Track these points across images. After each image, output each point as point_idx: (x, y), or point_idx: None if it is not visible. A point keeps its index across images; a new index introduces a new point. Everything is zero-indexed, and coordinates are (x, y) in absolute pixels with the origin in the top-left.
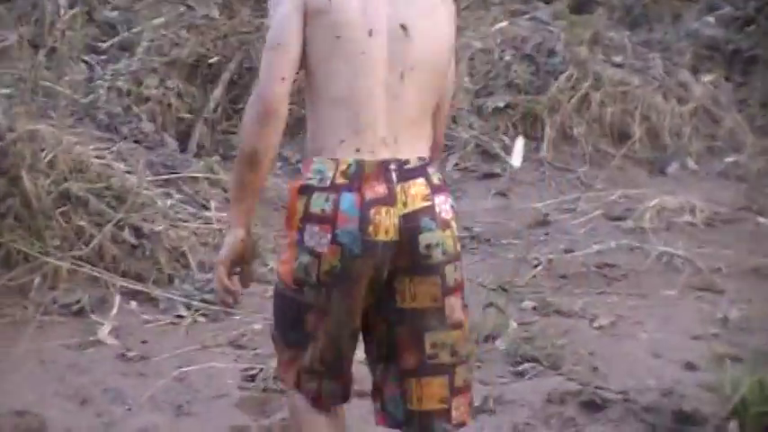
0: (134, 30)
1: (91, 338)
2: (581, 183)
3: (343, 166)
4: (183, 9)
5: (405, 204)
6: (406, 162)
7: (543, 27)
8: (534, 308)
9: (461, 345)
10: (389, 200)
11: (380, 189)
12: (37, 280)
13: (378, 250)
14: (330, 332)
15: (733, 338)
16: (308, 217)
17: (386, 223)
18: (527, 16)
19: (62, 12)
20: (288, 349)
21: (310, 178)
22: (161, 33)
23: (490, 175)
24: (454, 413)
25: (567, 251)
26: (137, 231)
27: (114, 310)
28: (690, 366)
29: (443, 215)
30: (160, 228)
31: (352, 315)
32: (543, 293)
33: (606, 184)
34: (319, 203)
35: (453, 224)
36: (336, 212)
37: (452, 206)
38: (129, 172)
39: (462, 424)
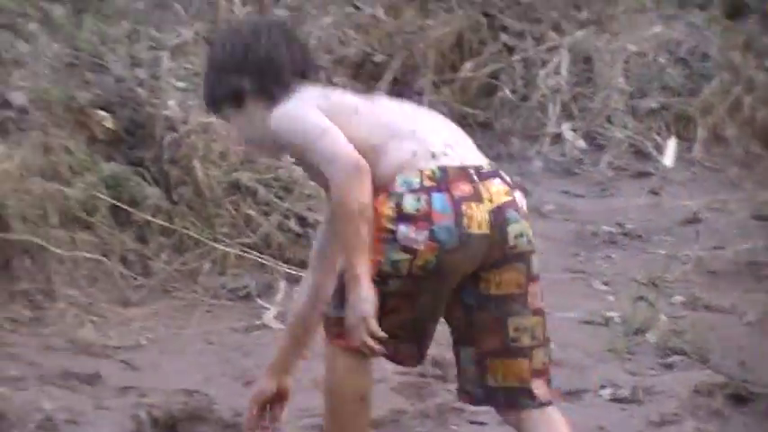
0: (303, 28)
1: (257, 322)
2: (731, 183)
3: (428, 172)
4: (350, 9)
5: (491, 200)
6: (481, 167)
7: (697, 32)
8: (683, 302)
9: (540, 330)
10: (476, 197)
11: (466, 188)
12: (207, 265)
13: (473, 243)
14: (415, 316)
15: None
16: (401, 217)
17: (478, 218)
18: (682, 21)
19: (235, 10)
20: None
21: (398, 188)
22: (329, 32)
23: (643, 174)
24: (536, 392)
25: (717, 248)
26: (302, 220)
27: (280, 296)
28: None
29: (523, 208)
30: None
31: (438, 304)
32: (693, 289)
33: (756, 185)
34: (412, 204)
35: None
36: (431, 211)
37: None
38: (296, 164)
39: (548, 403)
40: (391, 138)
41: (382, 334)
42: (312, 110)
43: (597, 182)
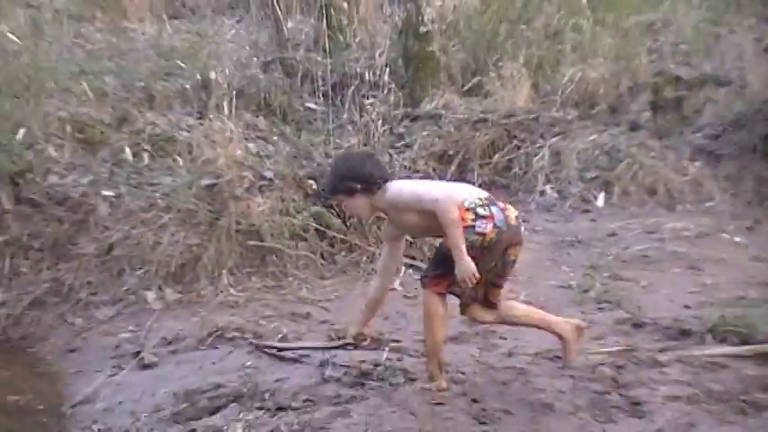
0: (413, 137)
1: (391, 287)
2: (633, 215)
3: (483, 197)
4: (435, 128)
5: (512, 211)
6: None
7: (614, 137)
8: (608, 276)
9: None
10: (508, 209)
11: (503, 204)
12: (365, 257)
13: (512, 228)
14: (480, 271)
15: (710, 295)
16: (478, 216)
17: (512, 217)
18: (606, 132)
19: (379, 129)
20: (442, 279)
21: (471, 205)
22: (425, 139)
23: (586, 210)
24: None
25: (625, 249)
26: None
27: (401, 273)
28: (686, 307)
29: None
30: None
31: (489, 266)
32: (614, 269)
33: (646, 216)
34: (482, 210)
35: None
36: (492, 213)
37: None
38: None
39: None
40: (452, 191)
41: (478, 276)
42: (415, 185)
43: (563, 215)
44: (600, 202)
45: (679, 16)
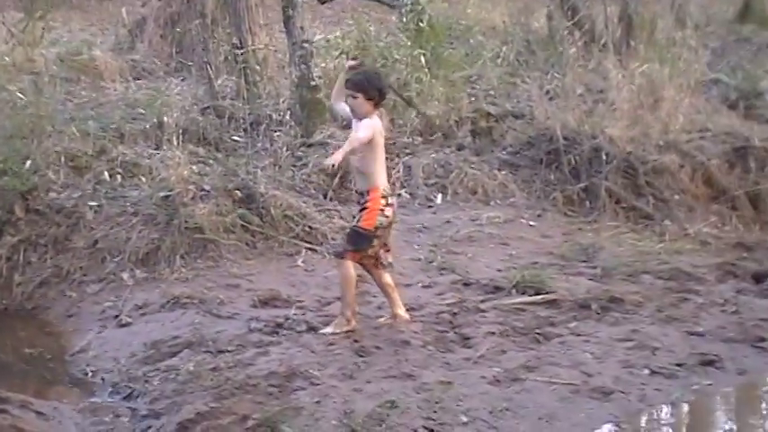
0: (308, 159)
1: (296, 263)
2: (461, 208)
3: (388, 188)
4: (323, 152)
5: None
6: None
7: (447, 155)
8: (446, 251)
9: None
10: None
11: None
12: (276, 245)
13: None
14: (381, 244)
15: (514, 262)
16: (387, 204)
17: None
18: (442, 151)
19: (284, 154)
20: (358, 252)
21: (385, 193)
22: (317, 160)
23: (429, 206)
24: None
25: (457, 232)
26: (309, 227)
27: (301, 257)
28: (499, 270)
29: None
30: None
31: (386, 238)
32: (449, 246)
33: (470, 209)
34: (390, 200)
35: None
36: (393, 203)
37: None
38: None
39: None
40: (382, 162)
41: (338, 168)
42: (373, 130)
43: (414, 209)
44: (438, 200)
45: (488, 71)
